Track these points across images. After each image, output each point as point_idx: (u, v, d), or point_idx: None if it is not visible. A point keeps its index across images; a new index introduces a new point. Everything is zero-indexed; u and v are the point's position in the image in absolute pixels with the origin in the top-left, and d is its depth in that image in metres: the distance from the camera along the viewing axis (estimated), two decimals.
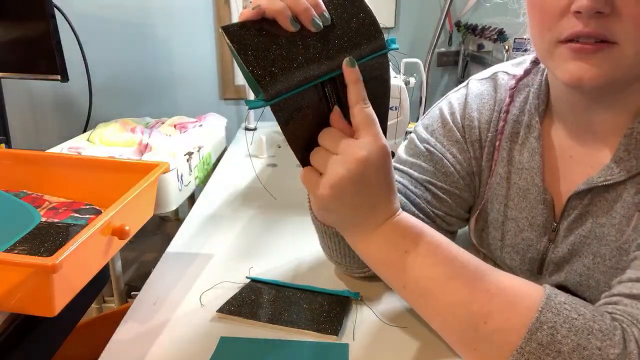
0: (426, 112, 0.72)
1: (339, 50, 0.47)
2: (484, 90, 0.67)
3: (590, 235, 0.57)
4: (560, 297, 0.44)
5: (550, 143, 0.61)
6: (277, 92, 0.45)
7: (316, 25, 0.46)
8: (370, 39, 0.49)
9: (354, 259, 0.65)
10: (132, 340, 0.59)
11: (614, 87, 0.50)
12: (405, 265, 0.49)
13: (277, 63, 0.45)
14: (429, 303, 0.49)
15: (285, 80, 0.45)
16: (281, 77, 0.45)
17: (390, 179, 0.50)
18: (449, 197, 0.66)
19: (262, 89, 0.45)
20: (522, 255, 0.65)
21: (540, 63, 0.63)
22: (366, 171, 0.47)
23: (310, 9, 0.45)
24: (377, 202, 0.50)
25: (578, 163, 0.59)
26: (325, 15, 0.47)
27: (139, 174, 0.77)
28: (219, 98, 1.95)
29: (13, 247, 0.68)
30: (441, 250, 0.49)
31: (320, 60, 0.47)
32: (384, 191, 0.50)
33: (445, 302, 0.47)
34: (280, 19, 0.45)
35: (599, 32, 0.45)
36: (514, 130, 0.64)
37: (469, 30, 1.85)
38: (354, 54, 0.48)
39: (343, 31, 0.48)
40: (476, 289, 0.46)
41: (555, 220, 0.61)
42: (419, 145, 0.68)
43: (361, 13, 0.48)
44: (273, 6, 0.45)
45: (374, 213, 0.50)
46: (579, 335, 0.41)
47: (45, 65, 1.24)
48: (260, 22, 0.45)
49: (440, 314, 0.48)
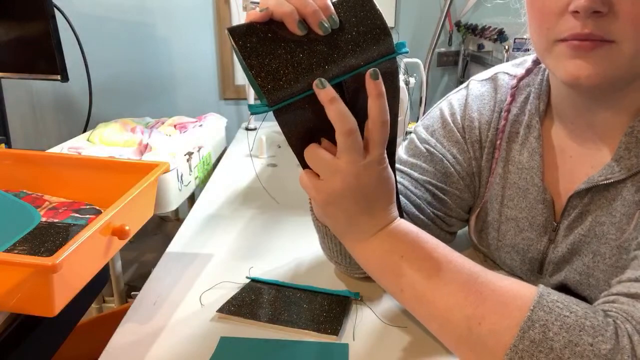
0: (426, 112, 0.73)
1: (346, 55, 0.46)
2: (485, 92, 0.67)
3: (590, 234, 0.57)
4: (553, 295, 0.45)
5: (550, 143, 0.61)
6: (281, 98, 0.45)
7: (324, 28, 0.45)
8: (379, 42, 0.47)
9: (353, 259, 0.65)
10: (132, 340, 0.59)
11: (613, 86, 0.51)
12: (401, 270, 0.49)
13: (281, 69, 0.44)
14: (425, 307, 0.49)
15: (290, 86, 0.45)
16: (285, 83, 0.45)
17: (389, 190, 0.51)
18: (449, 198, 0.66)
19: (265, 94, 0.44)
20: (522, 255, 0.65)
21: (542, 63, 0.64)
22: (366, 184, 0.48)
23: (319, 12, 0.45)
24: (374, 211, 0.51)
25: (578, 163, 0.59)
26: (334, 19, 0.46)
27: (139, 174, 0.77)
28: (219, 98, 1.95)
29: (13, 247, 0.68)
30: (437, 255, 0.49)
31: (326, 65, 0.46)
32: (381, 202, 0.51)
33: (441, 306, 0.47)
34: (288, 21, 0.45)
35: (596, 33, 0.45)
36: (514, 130, 0.64)
37: (469, 30, 1.85)
38: (361, 58, 0.47)
39: (351, 35, 0.47)
40: (470, 292, 0.46)
41: (556, 220, 0.61)
42: (419, 145, 0.68)
43: (370, 16, 0.47)
44: (281, 8, 0.44)
45: (371, 220, 0.51)
46: (571, 332, 0.42)
47: (45, 65, 1.24)
48: (267, 25, 0.45)
49: (436, 317, 0.48)
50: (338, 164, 0.48)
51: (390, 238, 0.51)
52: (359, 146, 0.47)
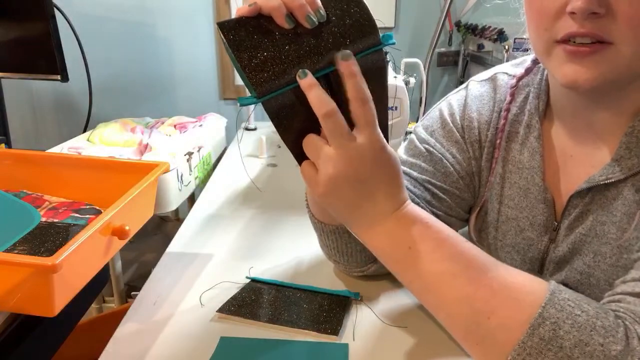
0: (426, 113, 0.73)
1: (333, 47, 0.48)
2: (484, 92, 0.67)
3: (591, 234, 0.57)
4: (565, 293, 0.45)
5: (551, 143, 0.61)
6: (269, 89, 0.46)
7: (311, 21, 0.46)
8: (365, 34, 0.49)
9: (352, 257, 0.65)
10: (132, 340, 0.59)
11: (612, 87, 0.51)
12: (410, 261, 0.49)
13: (269, 61, 0.46)
14: (434, 298, 0.49)
15: (277, 78, 0.46)
16: (273, 74, 0.46)
17: (389, 173, 0.50)
18: (448, 197, 0.66)
19: (253, 86, 0.45)
20: (522, 255, 0.65)
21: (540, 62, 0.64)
22: (359, 169, 0.47)
23: (305, 6, 0.46)
24: (376, 197, 0.49)
25: (578, 162, 0.59)
26: (321, 12, 0.47)
27: (139, 174, 0.77)
28: (219, 98, 1.95)
29: (13, 247, 0.68)
30: (447, 246, 0.48)
31: (313, 57, 0.47)
32: (383, 186, 0.49)
33: (450, 298, 0.47)
34: (276, 15, 0.45)
35: (594, 33, 0.45)
36: (513, 130, 0.64)
37: (469, 30, 1.85)
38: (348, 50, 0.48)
39: (337, 28, 0.48)
40: (480, 286, 0.46)
41: (556, 220, 0.61)
42: (418, 145, 0.68)
43: (356, 8, 0.48)
44: (269, 3, 0.45)
45: (374, 207, 0.50)
46: (582, 332, 0.41)
47: (45, 65, 1.24)
48: (256, 19, 0.46)
49: (445, 309, 0.48)
50: (327, 150, 0.47)
51: (398, 227, 0.50)
52: (340, 128, 0.46)
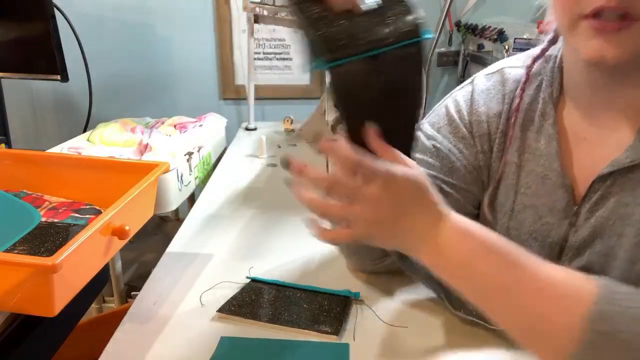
0: (432, 110, 0.73)
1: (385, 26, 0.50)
2: (491, 85, 0.68)
3: (613, 216, 0.57)
4: (613, 287, 0.45)
5: (564, 128, 0.62)
6: (340, 55, 0.48)
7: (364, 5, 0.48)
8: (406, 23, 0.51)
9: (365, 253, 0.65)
10: (132, 340, 0.59)
11: (636, 64, 0.51)
12: (457, 282, 0.50)
13: (339, 30, 0.49)
14: (491, 306, 0.49)
15: (347, 46, 0.49)
16: (344, 42, 0.48)
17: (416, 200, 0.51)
18: (456, 192, 0.66)
19: (328, 50, 0.48)
20: (541, 242, 0.64)
21: (549, 51, 0.64)
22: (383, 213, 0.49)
23: None
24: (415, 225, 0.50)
25: (592, 144, 0.59)
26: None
27: (139, 174, 0.77)
28: (219, 98, 1.95)
29: (13, 247, 0.68)
30: (504, 260, 0.48)
31: (373, 34, 0.49)
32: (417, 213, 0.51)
33: (507, 306, 0.48)
34: None
35: (622, 7, 0.46)
36: (528, 118, 0.64)
37: (469, 30, 1.85)
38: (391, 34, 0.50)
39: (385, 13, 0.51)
40: (528, 290, 0.46)
41: (575, 203, 0.61)
42: (425, 142, 0.68)
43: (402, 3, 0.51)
44: None
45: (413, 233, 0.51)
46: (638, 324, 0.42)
47: (45, 65, 1.24)
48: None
49: (502, 316, 0.49)
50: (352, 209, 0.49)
51: (441, 249, 0.50)
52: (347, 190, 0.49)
